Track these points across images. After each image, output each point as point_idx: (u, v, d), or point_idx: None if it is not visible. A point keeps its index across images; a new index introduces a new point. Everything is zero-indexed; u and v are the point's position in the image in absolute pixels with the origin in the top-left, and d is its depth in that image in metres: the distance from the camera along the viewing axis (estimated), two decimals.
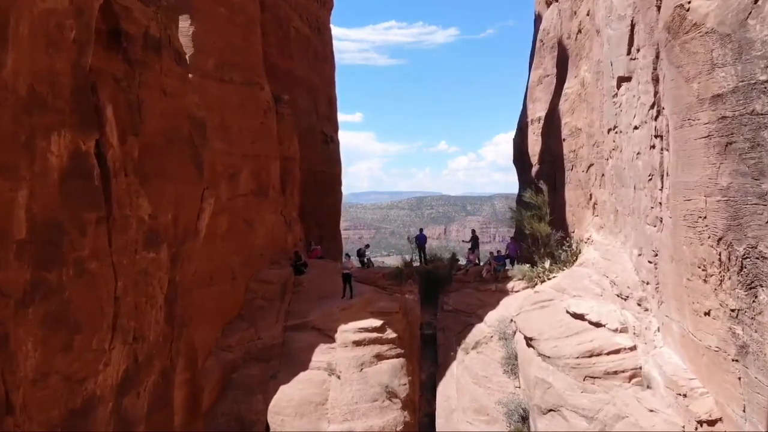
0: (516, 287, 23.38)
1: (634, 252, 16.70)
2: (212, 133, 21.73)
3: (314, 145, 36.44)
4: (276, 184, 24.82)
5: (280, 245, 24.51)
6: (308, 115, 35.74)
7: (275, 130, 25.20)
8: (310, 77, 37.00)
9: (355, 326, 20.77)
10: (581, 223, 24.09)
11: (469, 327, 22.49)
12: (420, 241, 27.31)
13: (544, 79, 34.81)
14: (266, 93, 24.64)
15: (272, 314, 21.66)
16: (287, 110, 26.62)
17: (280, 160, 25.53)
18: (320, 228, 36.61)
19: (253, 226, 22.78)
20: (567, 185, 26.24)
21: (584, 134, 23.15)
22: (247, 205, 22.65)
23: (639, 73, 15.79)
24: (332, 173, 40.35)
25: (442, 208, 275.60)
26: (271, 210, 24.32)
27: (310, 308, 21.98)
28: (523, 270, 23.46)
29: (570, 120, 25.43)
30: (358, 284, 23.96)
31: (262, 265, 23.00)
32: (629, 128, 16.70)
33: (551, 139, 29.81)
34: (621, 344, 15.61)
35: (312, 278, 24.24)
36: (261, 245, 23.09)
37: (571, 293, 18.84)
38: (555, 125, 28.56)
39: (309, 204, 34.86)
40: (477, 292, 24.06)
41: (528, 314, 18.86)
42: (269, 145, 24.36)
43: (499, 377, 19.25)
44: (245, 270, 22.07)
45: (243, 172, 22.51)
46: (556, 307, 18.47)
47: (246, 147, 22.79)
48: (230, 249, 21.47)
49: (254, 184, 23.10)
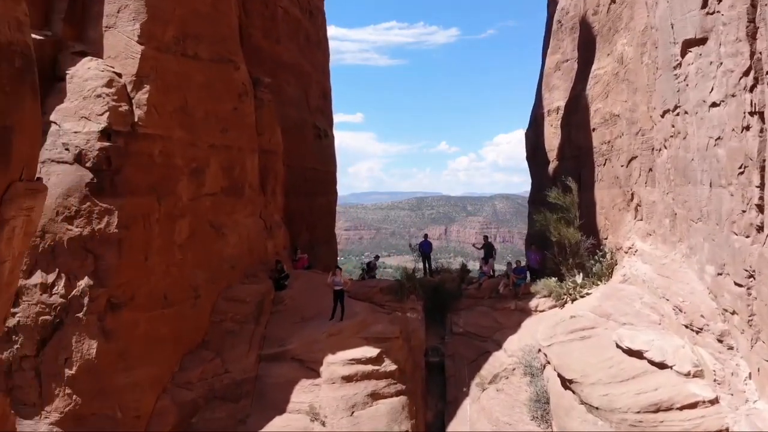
0: (540, 306, 19.18)
1: (709, 270, 12.51)
2: (169, 118, 17.58)
3: (305, 140, 32.25)
4: (253, 182, 20.65)
5: (257, 254, 20.34)
6: (298, 106, 31.55)
7: (253, 118, 21.01)
8: (301, 63, 32.80)
9: (345, 357, 16.59)
10: (617, 229, 19.91)
11: (485, 355, 18.29)
12: (424, 249, 23.04)
13: (563, 65, 30.62)
14: (242, 74, 20.44)
15: (244, 341, 17.46)
16: (268, 95, 22.44)
17: (258, 154, 21.35)
18: (311, 232, 32.40)
19: (223, 232, 18.59)
20: (597, 183, 22.03)
21: (623, 121, 18.96)
22: (216, 207, 18.46)
23: (720, 31, 11.60)
24: (326, 171, 36.13)
25: (443, 208, 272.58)
26: (247, 212, 20.14)
27: (291, 333, 17.78)
28: (549, 285, 19.26)
29: (602, 106, 21.23)
30: (351, 301, 19.80)
31: (234, 279, 18.80)
32: (702, 106, 12.51)
33: (575, 130, 25.61)
34: (698, 395, 11.44)
35: (296, 294, 20.04)
36: (233, 255, 18.90)
37: (619, 319, 14.64)
38: (580, 114, 24.37)
39: (298, 205, 30.66)
40: (493, 311, 19.84)
41: (564, 346, 14.65)
42: (245, 135, 20.18)
43: (526, 424, 15.03)
44: (212, 286, 17.88)
45: (210, 167, 18.31)
46: (600, 339, 14.27)
47: (214, 136, 18.59)
48: (192, 261, 17.29)
49: (225, 181, 18.91)
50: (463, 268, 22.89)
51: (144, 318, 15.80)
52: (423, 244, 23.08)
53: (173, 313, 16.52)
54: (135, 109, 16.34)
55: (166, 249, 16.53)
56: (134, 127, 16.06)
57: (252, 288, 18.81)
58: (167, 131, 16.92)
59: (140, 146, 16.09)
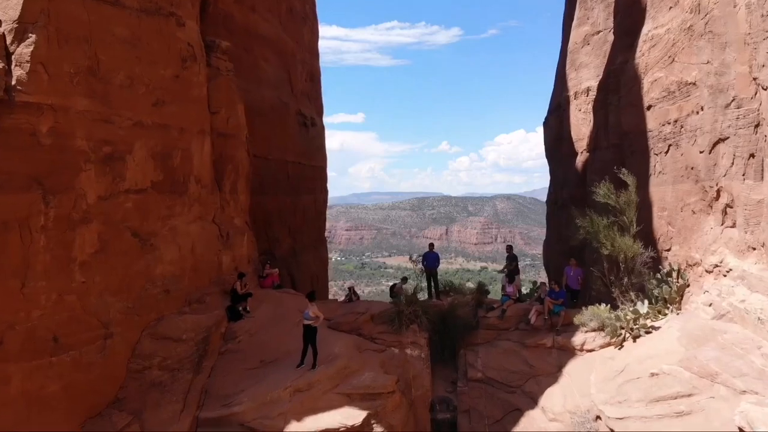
0: (588, 343, 13.82)
1: None
2: (68, 82, 12.20)
3: (286, 128, 26.92)
4: (203, 175, 15.34)
5: (206, 272, 15.04)
6: (277, 87, 26.22)
7: (203, 91, 15.70)
8: (282, 39, 27.47)
9: (316, 425, 11.29)
10: (688, 238, 14.58)
11: (514, 413, 12.96)
12: (429, 264, 17.49)
13: (593, 38, 25.23)
14: (188, 32, 15.12)
15: (176, 397, 12.13)
16: (228, 64, 17.08)
17: (212, 138, 16.07)
18: (294, 237, 27.08)
19: (153, 244, 13.27)
20: (654, 177, 16.68)
21: (704, 90, 13.60)
22: (143, 209, 13.14)
23: None
24: (313, 166, 30.79)
25: (444, 208, 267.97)
26: (193, 216, 14.84)
27: (242, 385, 12.43)
28: (599, 314, 13.90)
29: (664, 74, 15.87)
30: (330, 335, 14.51)
31: (169, 307, 13.48)
32: None
33: (616, 112, 20.26)
34: None
35: (257, 325, 14.71)
36: (168, 275, 13.59)
37: (734, 384, 9.27)
38: (625, 90, 19.03)
39: (277, 205, 25.34)
40: (523, 349, 14.48)
41: (648, 425, 9.33)
42: (190, 113, 14.87)
43: None
44: (132, 320, 12.57)
45: (135, 153, 12.98)
46: (709, 417, 8.93)
47: (142, 111, 13.25)
48: (102, 285, 11.96)
49: (158, 173, 13.59)
50: (480, 288, 17.39)
51: (18, 371, 10.58)
52: (428, 257, 17.56)
53: (68, 361, 11.24)
54: (14, 68, 11.11)
55: (58, 269, 11.22)
56: (9, 93, 10.85)
57: (193, 320, 13.48)
58: (64, 100, 11.59)
59: (17, 120, 10.83)
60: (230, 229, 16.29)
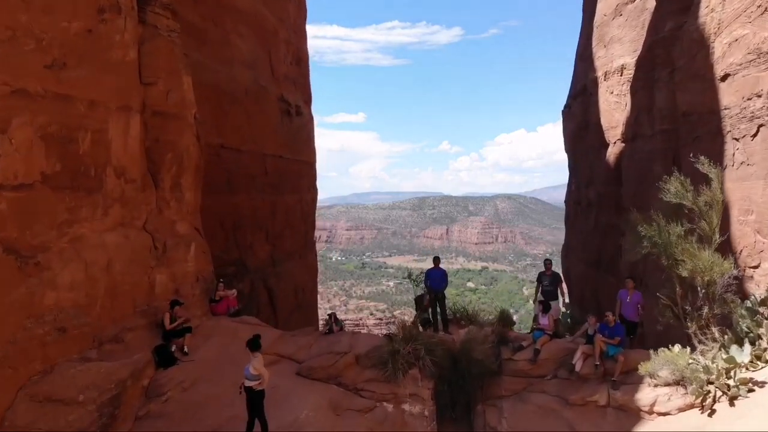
0: (661, 404, 9.61)
1: None
2: None
3: (265, 116, 22.77)
4: (129, 166, 11.22)
5: (130, 298, 10.91)
6: (254, 67, 22.06)
7: (132, 55, 11.55)
8: (261, 13, 23.32)
9: None
10: None
11: None
12: (435, 285, 12.99)
13: (626, 7, 21.02)
14: None
15: None
16: (170, 23, 12.91)
17: (145, 117, 11.93)
18: (273, 243, 22.90)
19: (39, 263, 9.12)
20: (734, 169, 12.50)
21: None
22: (24, 212, 9.02)
23: None
24: (298, 160, 26.66)
25: (445, 208, 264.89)
26: (111, 221, 10.71)
27: None
28: (674, 361, 9.70)
29: (752, 30, 11.71)
30: (301, 384, 10.39)
31: (64, 352, 9.32)
32: None
33: (667, 90, 16.09)
34: None
35: (195, 373, 10.53)
36: (65, 305, 9.45)
37: None
38: (686, 60, 14.86)
39: (250, 205, 21.12)
40: (565, 407, 10.30)
41: None
42: (108, 81, 10.74)
43: None
44: (3, 374, 8.49)
45: (12, 132, 8.81)
46: None
47: (29, 74, 9.16)
48: None
49: (52, 162, 9.46)
50: (503, 317, 12.98)
51: None
52: (432, 276, 13.09)
53: None
54: None
55: None
56: None
57: (98, 371, 9.28)
58: None
59: None
60: (169, 237, 12.11)
